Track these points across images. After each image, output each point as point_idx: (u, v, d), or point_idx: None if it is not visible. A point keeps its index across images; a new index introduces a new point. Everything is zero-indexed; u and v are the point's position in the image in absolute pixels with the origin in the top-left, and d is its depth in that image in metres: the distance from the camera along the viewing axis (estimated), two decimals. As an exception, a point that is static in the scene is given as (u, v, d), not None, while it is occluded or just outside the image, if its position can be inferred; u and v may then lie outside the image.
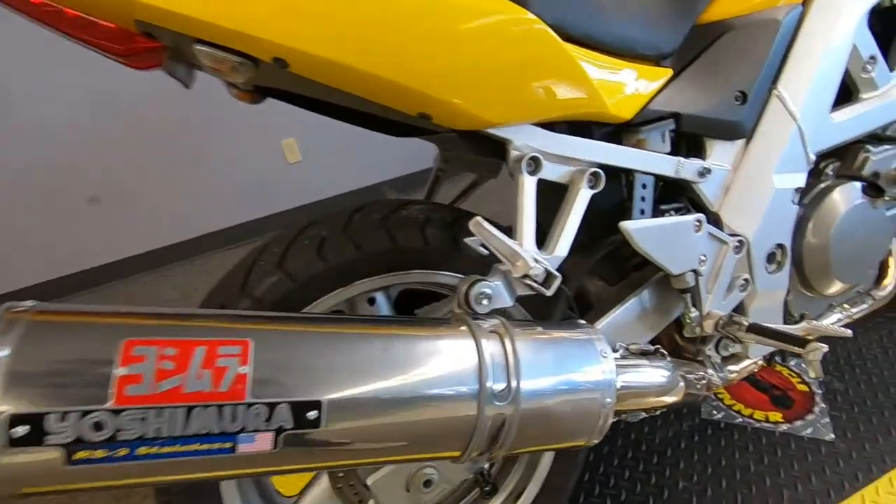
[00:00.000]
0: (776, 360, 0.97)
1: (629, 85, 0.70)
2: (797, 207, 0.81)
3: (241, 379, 0.39)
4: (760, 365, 0.93)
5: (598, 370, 0.55)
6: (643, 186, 0.72)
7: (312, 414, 0.41)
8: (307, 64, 0.52)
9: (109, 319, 0.39)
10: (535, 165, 0.64)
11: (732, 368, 0.90)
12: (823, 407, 1.20)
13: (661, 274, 0.79)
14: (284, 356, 0.42)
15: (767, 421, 1.19)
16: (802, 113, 0.77)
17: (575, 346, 0.56)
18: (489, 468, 0.86)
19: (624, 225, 0.70)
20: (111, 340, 0.38)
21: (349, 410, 0.43)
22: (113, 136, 2.57)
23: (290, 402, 0.40)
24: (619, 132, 0.73)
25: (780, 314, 0.86)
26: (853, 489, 1.01)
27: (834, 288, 0.89)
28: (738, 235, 0.78)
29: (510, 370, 0.50)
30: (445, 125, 0.61)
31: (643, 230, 0.70)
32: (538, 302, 0.70)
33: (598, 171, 0.67)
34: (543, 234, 0.67)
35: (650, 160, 0.72)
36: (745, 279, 0.81)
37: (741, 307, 0.83)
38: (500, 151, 0.65)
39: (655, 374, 0.65)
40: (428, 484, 0.69)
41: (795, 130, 0.78)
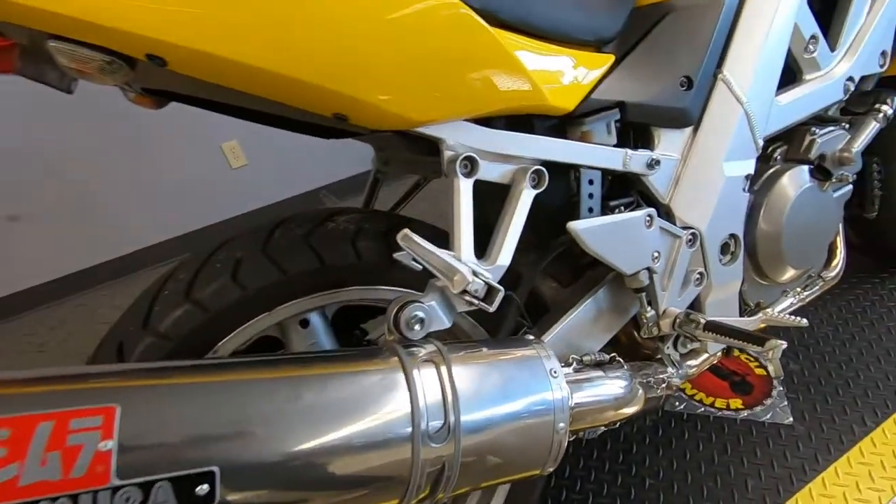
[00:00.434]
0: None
1: (569, 73, 0.65)
2: (748, 195, 0.78)
3: (102, 458, 0.31)
4: (719, 357, 0.91)
5: (548, 392, 0.50)
6: (590, 182, 0.67)
7: (203, 489, 0.34)
8: (189, 61, 0.44)
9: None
10: (470, 166, 0.58)
11: (692, 363, 0.88)
12: (781, 390, 1.20)
13: (615, 272, 0.75)
14: (162, 420, 0.34)
15: (728, 408, 1.18)
16: (749, 97, 0.74)
17: (521, 367, 0.50)
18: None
19: (572, 226, 0.64)
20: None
21: (253, 477, 0.36)
22: (32, 147, 2.37)
23: (171, 478, 0.33)
24: (562, 125, 0.68)
25: (735, 306, 0.84)
26: (814, 473, 1.01)
27: (788, 274, 0.88)
28: (690, 228, 0.75)
29: (448, 405, 0.43)
30: (366, 126, 0.54)
31: (592, 230, 0.65)
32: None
33: (540, 168, 0.62)
34: (489, 233, 0.61)
35: (596, 154, 0.67)
36: (699, 273, 0.78)
37: (697, 301, 0.80)
38: (437, 150, 0.58)
39: (613, 386, 0.60)
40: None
41: (742, 115, 0.75)
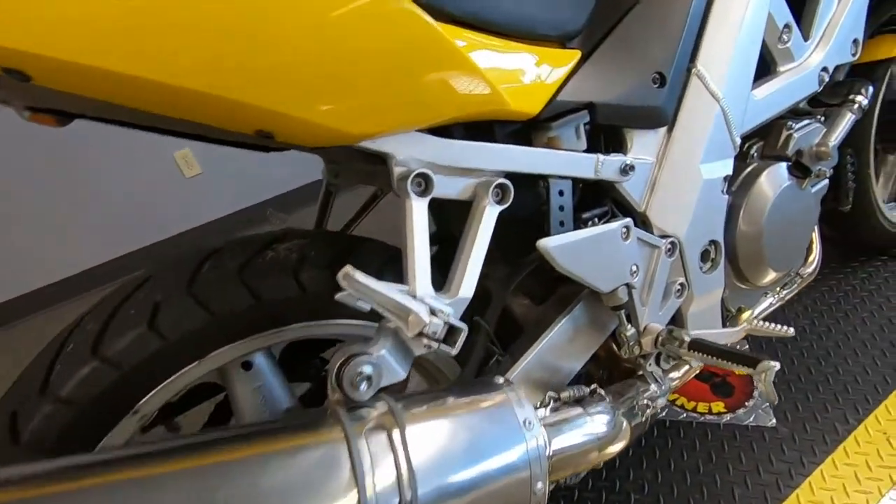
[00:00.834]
0: None
1: (532, 73, 0.58)
2: (727, 197, 0.73)
3: None
4: (701, 366, 0.86)
5: (522, 447, 0.43)
6: (560, 194, 0.60)
7: None
8: (57, 75, 0.35)
9: None
10: (424, 184, 0.51)
11: (675, 376, 0.82)
12: (762, 390, 1.17)
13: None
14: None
15: (710, 412, 1.14)
16: (724, 92, 0.69)
17: (490, 420, 0.43)
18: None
19: (542, 244, 0.58)
20: None
21: None
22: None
23: None
24: (526, 131, 0.61)
25: (718, 316, 0.79)
26: (800, 477, 0.97)
27: (770, 277, 0.83)
28: (669, 236, 0.69)
29: (402, 481, 0.36)
30: (296, 143, 0.46)
31: (565, 247, 0.59)
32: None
33: (504, 182, 0.55)
34: (454, 246, 0.54)
35: (565, 162, 0.60)
36: (680, 284, 0.72)
37: (678, 314, 0.75)
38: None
39: (595, 423, 0.54)
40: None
41: (719, 112, 0.69)
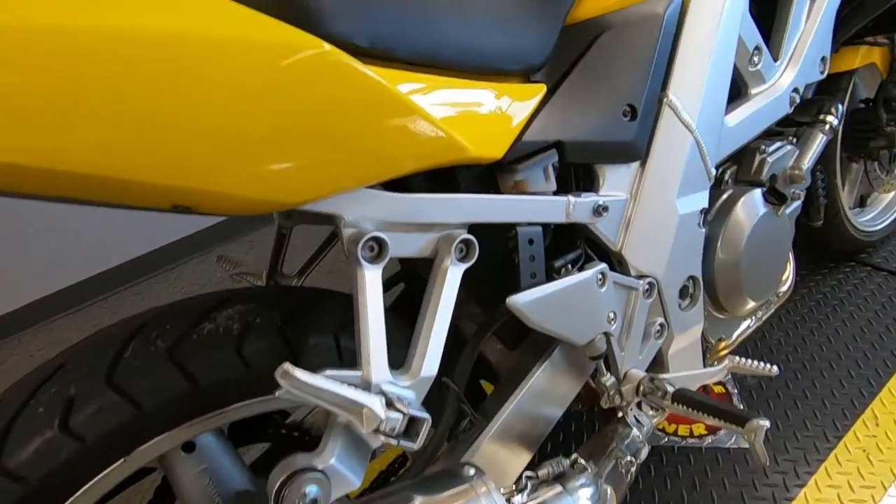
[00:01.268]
0: None
1: (494, 112, 0.53)
2: (703, 230, 0.70)
3: None
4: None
5: (498, 557, 0.38)
6: (530, 242, 0.55)
7: None
8: None
9: None
10: (378, 248, 0.45)
11: (655, 413, 0.79)
12: (752, 450, 1.15)
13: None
14: None
15: (692, 435, 1.11)
16: (698, 122, 0.65)
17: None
18: None
19: (513, 301, 0.53)
20: None
21: None
22: None
23: None
24: (490, 174, 0.56)
25: (699, 354, 0.76)
26: (785, 502, 0.96)
27: (749, 305, 0.81)
28: (646, 276, 0.65)
29: None
30: (223, 213, 0.40)
31: (537, 302, 0.54)
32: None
33: (468, 238, 0.50)
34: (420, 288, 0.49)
35: (534, 207, 0.55)
36: (660, 324, 0.69)
37: (659, 355, 0.71)
38: None
39: (578, 501, 0.49)
40: None
41: (693, 143, 0.66)
